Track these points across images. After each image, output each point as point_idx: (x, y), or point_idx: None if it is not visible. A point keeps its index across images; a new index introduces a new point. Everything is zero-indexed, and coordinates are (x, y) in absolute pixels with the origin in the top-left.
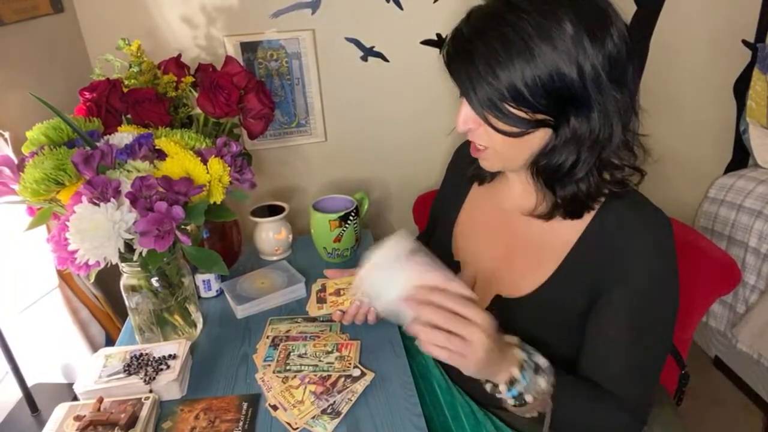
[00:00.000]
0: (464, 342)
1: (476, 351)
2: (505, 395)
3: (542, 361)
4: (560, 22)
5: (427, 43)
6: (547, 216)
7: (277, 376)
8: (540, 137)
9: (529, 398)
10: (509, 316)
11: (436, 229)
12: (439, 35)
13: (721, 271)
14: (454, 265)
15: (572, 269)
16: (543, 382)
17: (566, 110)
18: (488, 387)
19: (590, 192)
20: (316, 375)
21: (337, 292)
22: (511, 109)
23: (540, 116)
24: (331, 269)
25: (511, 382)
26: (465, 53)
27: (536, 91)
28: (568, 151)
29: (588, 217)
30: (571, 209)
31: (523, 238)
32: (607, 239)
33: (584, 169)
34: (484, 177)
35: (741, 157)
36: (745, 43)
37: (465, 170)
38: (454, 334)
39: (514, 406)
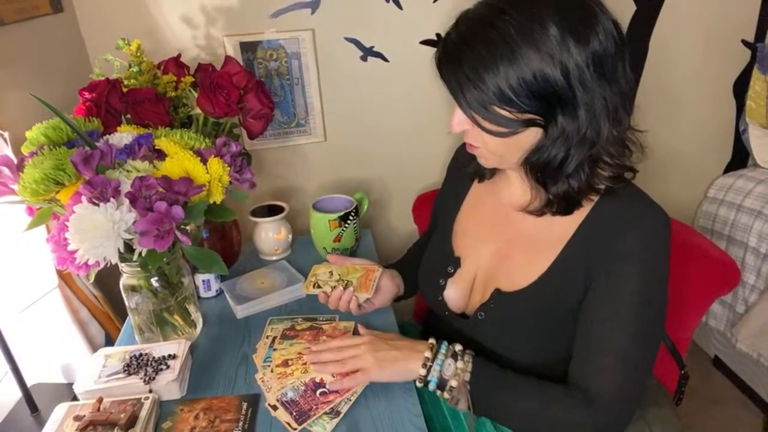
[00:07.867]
0: (355, 358)
1: (368, 358)
2: (428, 380)
3: (459, 348)
4: (543, 24)
5: (426, 43)
6: (539, 212)
7: (275, 375)
8: (531, 136)
9: (453, 383)
10: (508, 309)
11: (437, 227)
12: (438, 35)
13: (721, 271)
14: (454, 261)
15: (568, 262)
16: (461, 363)
17: (553, 109)
18: (419, 383)
19: (581, 188)
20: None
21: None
22: (500, 111)
23: (528, 116)
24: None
25: (425, 366)
26: (453, 58)
27: (522, 93)
28: (557, 148)
29: (585, 211)
30: (562, 206)
31: (522, 233)
32: (602, 232)
33: (574, 165)
34: (484, 174)
35: (740, 157)
36: (744, 42)
37: (465, 168)
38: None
39: (446, 398)
